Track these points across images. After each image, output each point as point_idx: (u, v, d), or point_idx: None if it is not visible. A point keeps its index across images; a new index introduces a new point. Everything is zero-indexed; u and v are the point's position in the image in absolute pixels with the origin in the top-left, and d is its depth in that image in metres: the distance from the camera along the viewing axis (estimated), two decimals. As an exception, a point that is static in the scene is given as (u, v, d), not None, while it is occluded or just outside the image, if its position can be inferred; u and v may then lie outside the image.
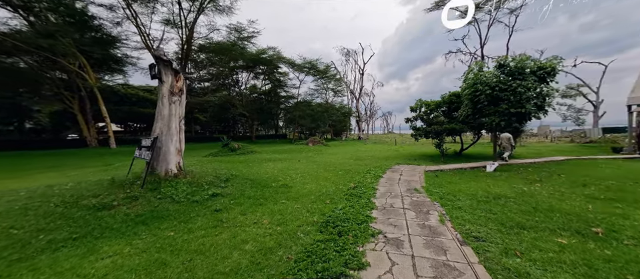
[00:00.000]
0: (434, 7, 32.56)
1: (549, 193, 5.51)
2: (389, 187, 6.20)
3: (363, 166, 10.42)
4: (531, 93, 7.49)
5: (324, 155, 16.45)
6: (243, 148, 17.50)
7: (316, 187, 6.56)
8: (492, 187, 6.08)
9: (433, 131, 12.03)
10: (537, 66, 7.62)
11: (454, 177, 7.70)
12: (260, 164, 11.46)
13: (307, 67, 40.38)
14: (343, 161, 12.43)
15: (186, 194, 5.04)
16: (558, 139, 30.57)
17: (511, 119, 7.87)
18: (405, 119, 13.91)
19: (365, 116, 63.57)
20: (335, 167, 10.55)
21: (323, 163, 11.81)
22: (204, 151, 17.81)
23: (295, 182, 7.29)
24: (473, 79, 8.46)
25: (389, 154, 16.08)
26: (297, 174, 8.71)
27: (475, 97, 8.40)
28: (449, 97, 13.22)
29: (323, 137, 43.60)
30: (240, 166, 10.32)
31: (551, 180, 6.85)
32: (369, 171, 9.02)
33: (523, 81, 7.42)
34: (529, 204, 4.68)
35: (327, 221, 3.85)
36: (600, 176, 7.36)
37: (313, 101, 44.15)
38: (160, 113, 5.93)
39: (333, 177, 7.99)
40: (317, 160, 13.33)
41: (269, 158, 14.09)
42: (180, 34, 25.21)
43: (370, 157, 14.35)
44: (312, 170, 9.73)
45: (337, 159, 13.37)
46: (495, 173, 8.49)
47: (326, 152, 18.40)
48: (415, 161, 12.11)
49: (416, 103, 13.89)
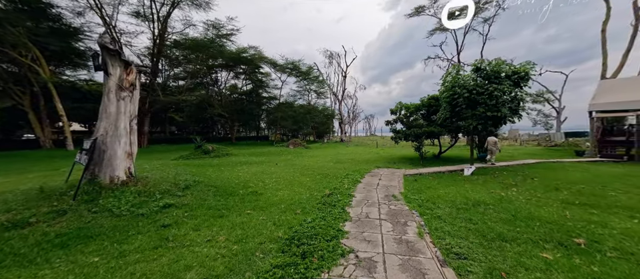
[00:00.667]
0: (414, 12, 33.41)
1: (526, 198, 5.40)
2: (366, 194, 5.80)
3: (342, 170, 10.03)
4: (506, 97, 7.53)
5: (304, 157, 15.93)
6: (219, 150, 16.50)
7: (289, 194, 6.03)
8: (470, 193, 5.89)
9: (412, 134, 11.95)
10: (511, 70, 7.68)
11: (433, 182, 7.50)
12: (233, 168, 10.69)
13: (289, 68, 39.71)
14: (322, 165, 11.98)
15: (131, 206, 4.29)
16: (526, 143, 32.27)
17: (488, 122, 7.88)
18: (385, 122, 13.78)
19: (348, 118, 63.96)
20: (313, 171, 10.06)
21: (301, 167, 11.28)
22: (175, 154, 16.58)
23: (267, 188, 6.70)
24: (451, 82, 8.39)
25: (369, 157, 15.89)
26: (271, 179, 8.11)
27: (453, 100, 8.32)
28: (428, 101, 13.26)
29: (305, 139, 43.05)
30: (209, 170, 9.51)
31: (526, 184, 6.84)
32: (347, 175, 8.63)
33: (498, 85, 7.44)
34: (509, 211, 4.47)
35: (293, 238, 3.33)
36: (570, 180, 7.50)
37: (295, 102, 43.53)
38: (105, 111, 5.10)
39: (309, 183, 7.49)
40: (295, 163, 12.77)
41: (245, 161, 13.31)
42: (151, 28, 23.62)
43: (350, 160, 14.04)
44: (288, 174, 9.17)
45: (316, 163, 12.89)
46: (472, 176, 8.44)
47: (306, 155, 17.88)
48: (394, 164, 11.94)
49: (396, 105, 13.80)
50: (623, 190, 6.16)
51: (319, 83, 42.70)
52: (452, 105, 8.60)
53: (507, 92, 7.48)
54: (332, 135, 50.26)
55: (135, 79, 5.47)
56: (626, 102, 12.84)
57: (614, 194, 5.78)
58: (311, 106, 42.66)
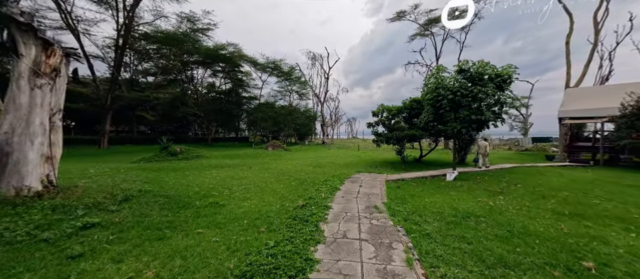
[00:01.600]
0: (395, 17, 33.85)
1: (516, 208, 4.99)
2: (345, 205, 5.10)
3: (321, 175, 9.31)
4: (490, 100, 7.28)
5: (282, 160, 15.02)
6: (188, 152, 15.09)
7: (256, 205, 5.17)
8: (458, 202, 5.41)
9: (394, 137, 11.55)
10: (494, 73, 7.46)
11: (416, 189, 7.00)
12: (200, 172, 9.57)
13: (270, 67, 38.53)
14: (300, 169, 11.17)
15: (34, 227, 3.21)
16: (498, 147, 33.70)
17: (472, 126, 7.60)
18: (367, 124, 13.33)
19: (330, 121, 63.70)
20: (289, 175, 9.24)
21: (277, 171, 10.40)
22: (137, 156, 14.92)
23: (232, 198, 5.78)
24: (435, 84, 8.02)
25: (350, 160, 15.34)
26: (239, 186, 7.17)
27: (436, 102, 7.95)
28: (410, 103, 12.98)
29: (287, 141, 41.95)
30: (169, 176, 8.35)
31: (511, 191, 6.53)
32: (326, 180, 7.91)
33: (483, 87, 7.16)
34: (503, 226, 3.98)
35: (245, 274, 2.52)
36: (552, 186, 7.35)
37: (276, 103, 42.35)
38: (13, 102, 3.94)
39: (283, 190, 6.67)
40: (271, 167, 11.85)
41: (216, 164, 12.15)
42: (116, 17, 21.44)
43: (330, 163, 13.37)
44: (261, 180, 8.27)
45: (294, 166, 12.06)
46: (455, 182, 8.10)
47: (285, 157, 16.97)
48: (376, 168, 11.44)
49: (378, 107, 13.39)
50: (605, 197, 6.02)
51: (300, 83, 41.91)
52: (435, 107, 8.23)
53: (491, 95, 7.23)
54: (314, 137, 49.55)
55: (59, 64, 4.34)
56: (594, 109, 13.44)
57: (598, 202, 5.59)
58: (293, 107, 41.71)
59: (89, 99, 24.47)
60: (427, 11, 31.43)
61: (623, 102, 11.99)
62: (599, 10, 23.41)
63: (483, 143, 11.39)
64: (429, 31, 32.52)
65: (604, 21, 24.00)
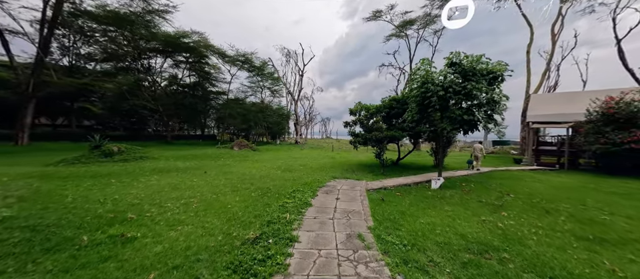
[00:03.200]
0: (372, 16, 33.48)
1: (531, 232, 3.99)
2: (317, 234, 3.65)
3: (290, 182, 7.78)
4: (483, 99, 6.43)
5: (247, 162, 13.15)
6: (131, 152, 12.47)
7: (187, 237, 3.50)
8: (459, 222, 4.29)
9: (373, 139, 10.44)
10: (486, 69, 6.64)
11: (403, 201, 5.82)
12: (132, 180, 7.44)
13: (240, 61, 35.79)
14: (266, 173, 9.51)
15: None
16: (463, 149, 35.04)
17: (463, 127, 6.71)
18: (344, 123, 12.09)
19: (304, 120, 62.11)
20: (251, 183, 7.56)
21: (237, 177, 8.64)
22: (61, 155, 11.90)
23: (157, 222, 4.01)
24: (423, 78, 6.98)
25: (324, 162, 14.01)
26: (178, 201, 5.36)
27: (425, 99, 6.91)
28: (389, 102, 12.00)
29: (257, 140, 39.46)
30: (78, 187, 6.17)
31: (510, 204, 5.63)
32: (295, 191, 6.40)
33: (477, 83, 6.28)
34: (536, 266, 2.86)
35: None
36: (544, 196, 6.69)
37: (246, 99, 39.62)
38: None
39: (237, 206, 5.03)
40: (232, 171, 10.00)
41: (162, 168, 9.94)
42: (42, -15, 17.45)
43: (302, 166, 11.87)
44: (212, 190, 6.50)
45: (260, 170, 10.35)
46: (442, 191, 7.15)
47: (252, 159, 15.08)
48: (353, 173, 10.21)
49: (356, 105, 12.22)
50: (606, 210, 5.39)
51: (273, 79, 39.70)
52: (422, 105, 7.19)
53: (484, 92, 6.38)
54: (287, 136, 47.56)
55: None
56: (561, 115, 13.79)
57: (606, 218, 4.88)
58: (264, 104, 39.34)
59: (8, 84, 19.88)
60: (402, 13, 31.51)
61: (588, 108, 12.32)
62: (556, 23, 25.20)
63: (478, 146, 11.68)
64: (403, 32, 32.65)
65: (560, 33, 25.95)
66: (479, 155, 11.59)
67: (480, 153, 11.63)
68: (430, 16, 31.02)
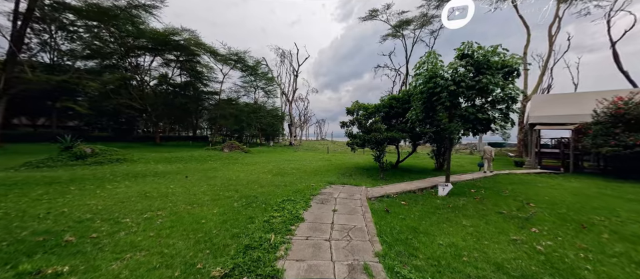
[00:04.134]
0: (368, 16, 32.92)
1: (577, 256, 3.19)
2: (309, 263, 2.77)
3: (281, 189, 6.87)
4: (500, 94, 5.67)
5: (236, 166, 12.17)
6: (108, 154, 11.36)
7: (133, 271, 2.59)
8: (485, 244, 3.47)
9: (372, 140, 9.62)
10: (501, 62, 5.89)
11: (411, 213, 4.99)
12: (97, 187, 6.43)
13: (232, 59, 34.65)
14: (255, 178, 8.58)
15: None
16: (458, 151, 34.60)
17: (477, 127, 5.93)
18: (340, 123, 11.23)
19: (299, 121, 61.16)
20: (235, 190, 6.63)
21: (222, 182, 7.69)
22: (31, 157, 10.70)
23: (101, 247, 3.07)
24: (431, 71, 6.19)
25: (319, 165, 13.13)
26: (142, 214, 4.41)
27: (433, 95, 6.11)
28: (389, 101, 11.24)
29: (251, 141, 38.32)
30: (23, 195, 5.16)
31: (541, 220, 4.81)
32: (285, 200, 5.50)
33: (492, 77, 5.52)
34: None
35: None
36: (569, 205, 5.95)
37: (239, 99, 38.48)
38: None
39: (211, 223, 4.11)
40: (218, 175, 9.04)
41: (138, 173, 8.91)
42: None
43: (296, 170, 10.97)
44: (188, 199, 5.55)
45: (248, 174, 9.40)
46: (450, 198, 6.36)
47: (241, 161, 14.09)
48: (350, 177, 9.37)
49: (353, 104, 11.39)
50: None
51: (267, 80, 38.68)
52: (430, 102, 6.39)
53: (500, 87, 5.61)
54: (281, 137, 46.50)
55: None
56: (566, 116, 13.25)
57: (651, 233, 4.12)
58: (257, 105, 38.26)
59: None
60: (398, 13, 31.03)
61: (595, 109, 11.78)
62: (553, 24, 25.01)
63: (488, 149, 11.59)
64: (400, 32, 32.16)
65: (557, 34, 25.77)
66: (490, 157, 11.12)
67: (491, 155, 11.21)
68: (426, 16, 30.63)
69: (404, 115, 11.42)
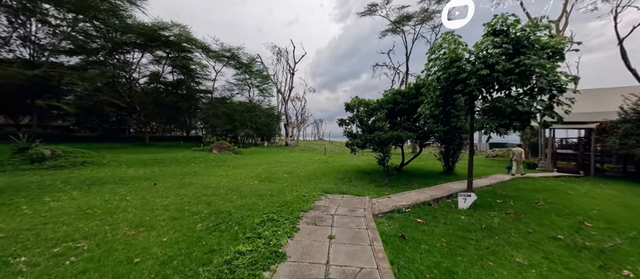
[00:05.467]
0: (367, 10, 31.65)
1: None
2: None
3: (265, 200, 5.55)
4: (545, 81, 4.36)
5: (221, 169, 10.79)
6: (71, 156, 9.92)
7: None
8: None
9: (375, 141, 8.31)
10: (546, 43, 4.60)
11: (434, 235, 3.69)
12: (30, 198, 5.07)
13: (226, 56, 33.21)
14: (237, 185, 7.23)
15: None
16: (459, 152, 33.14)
17: (514, 123, 4.60)
18: (338, 121, 9.89)
19: (296, 121, 59.73)
20: (208, 203, 5.29)
21: (196, 191, 6.33)
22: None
23: None
24: (453, 52, 4.88)
25: (315, 167, 11.80)
26: (56, 246, 3.06)
27: (454, 83, 4.81)
28: (393, 96, 9.96)
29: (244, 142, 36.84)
30: None
31: (624, 253, 3.51)
32: (265, 221, 4.15)
33: (539, 59, 4.22)
34: None
35: None
36: (632, 224, 4.69)
37: (232, 97, 36.99)
38: None
39: (150, 261, 2.77)
40: (194, 182, 7.67)
41: (99, 179, 7.52)
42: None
43: (288, 174, 9.63)
44: (138, 219, 4.20)
45: (231, 180, 8.04)
46: (476, 212, 5.07)
47: (229, 164, 12.70)
48: (350, 183, 8.06)
49: (352, 100, 10.09)
50: None
51: (262, 77, 37.23)
52: (450, 93, 5.10)
53: (546, 71, 4.32)
54: (278, 137, 45.04)
55: None
56: (585, 114, 12.06)
57: None
58: (252, 104, 36.81)
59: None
60: (398, 7, 29.82)
61: (622, 106, 10.60)
62: (560, 19, 23.92)
63: (517, 150, 10.89)
64: (400, 28, 30.94)
65: (564, 30, 24.69)
66: (519, 158, 10.64)
67: (520, 157, 10.66)
68: (427, 12, 29.46)
69: (410, 112, 10.15)
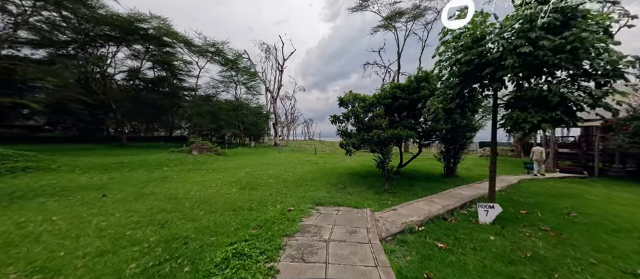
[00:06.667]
0: (358, 6, 30.65)
1: None
2: None
3: (240, 217, 4.31)
4: (601, 62, 3.36)
5: (196, 174, 9.38)
6: (11, 160, 8.25)
7: None
8: None
9: (374, 140, 7.20)
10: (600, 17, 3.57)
11: (468, 271, 2.59)
12: None
13: (210, 52, 31.38)
14: (210, 195, 5.92)
15: None
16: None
17: (563, 116, 3.54)
18: (331, 118, 8.71)
19: (286, 121, 58.20)
20: (160, 225, 3.99)
21: (150, 207, 4.98)
22: None
23: None
24: (473, 31, 3.81)
25: (305, 170, 10.60)
26: None
27: (479, 68, 3.75)
28: (392, 90, 8.88)
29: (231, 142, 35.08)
30: None
31: None
32: (233, 255, 2.91)
33: (592, 33, 3.22)
34: None
35: None
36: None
37: (217, 95, 35.14)
38: None
39: None
40: (156, 192, 6.29)
41: (32, 189, 6.02)
42: None
43: (273, 179, 8.38)
44: (37, 259, 2.84)
45: (204, 188, 6.71)
46: (504, 230, 4.05)
47: (208, 167, 11.27)
48: (345, 189, 6.92)
49: (346, 94, 8.97)
50: None
51: (249, 75, 35.57)
52: (472, 79, 4.04)
53: (605, 50, 3.34)
54: (267, 137, 43.37)
55: None
56: (590, 110, 11.44)
57: None
58: (239, 102, 35.08)
59: None
60: (390, 3, 29.00)
61: (630, 102, 10.00)
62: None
63: (538, 149, 10.71)
64: (392, 24, 30.16)
65: None
66: (540, 158, 10.57)
67: (541, 157, 10.54)
68: (419, 8, 28.83)
69: (411, 108, 9.14)
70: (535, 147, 10.92)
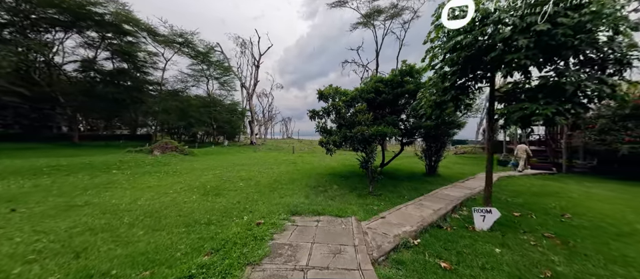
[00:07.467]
0: (337, 2, 30.14)
1: None
2: None
3: (194, 235, 3.34)
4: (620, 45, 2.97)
5: (152, 177, 8.03)
6: None
7: None
8: None
9: (357, 137, 6.52)
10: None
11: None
12: None
13: (178, 42, 28.81)
14: (162, 205, 4.80)
15: None
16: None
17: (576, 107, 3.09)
18: (310, 113, 7.88)
19: (263, 119, 56.19)
20: (78, 252, 2.87)
21: (80, 222, 3.79)
22: None
23: None
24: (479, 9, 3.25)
25: (281, 171, 9.68)
26: None
27: (482, 52, 3.19)
28: (374, 85, 8.31)
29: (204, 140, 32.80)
30: None
31: None
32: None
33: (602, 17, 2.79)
34: None
35: None
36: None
37: (187, 90, 32.62)
38: None
39: None
40: (92, 203, 5.02)
41: None
42: None
43: (245, 181, 7.37)
44: None
45: (156, 196, 5.53)
46: (503, 238, 3.57)
47: (169, 170, 9.88)
48: (325, 193, 6.17)
49: (327, 88, 8.20)
50: None
51: (223, 69, 33.44)
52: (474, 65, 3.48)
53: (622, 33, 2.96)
54: (243, 136, 41.30)
55: None
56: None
57: None
58: (211, 98, 32.86)
59: None
60: (369, 0, 28.83)
61: (595, 100, 10.46)
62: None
63: (522, 147, 11.03)
64: (370, 22, 30.05)
65: None
66: (523, 155, 11.08)
67: (524, 154, 11.01)
68: (397, 8, 29.03)
69: (394, 104, 8.64)
70: (520, 145, 11.39)
